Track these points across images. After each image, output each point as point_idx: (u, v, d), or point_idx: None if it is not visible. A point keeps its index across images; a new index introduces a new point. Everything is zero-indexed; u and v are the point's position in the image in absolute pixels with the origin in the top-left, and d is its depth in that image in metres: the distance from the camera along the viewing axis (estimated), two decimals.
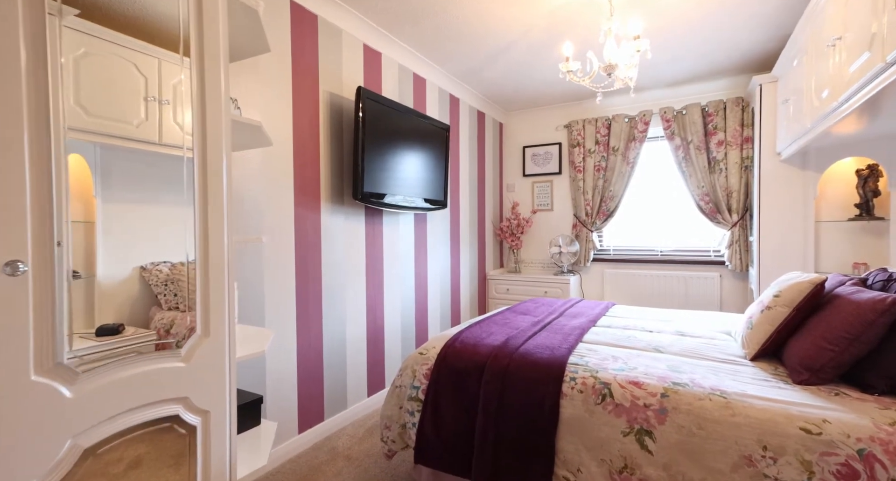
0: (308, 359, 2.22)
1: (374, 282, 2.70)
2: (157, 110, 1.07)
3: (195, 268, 1.06)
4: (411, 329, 3.08)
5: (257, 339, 1.43)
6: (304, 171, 2.20)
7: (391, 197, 2.60)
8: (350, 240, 2.51)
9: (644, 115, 3.72)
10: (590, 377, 1.52)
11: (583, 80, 2.06)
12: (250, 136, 1.43)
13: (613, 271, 3.98)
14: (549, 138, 4.29)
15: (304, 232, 2.20)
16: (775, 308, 1.66)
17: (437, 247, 3.41)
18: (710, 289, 3.59)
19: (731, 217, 3.44)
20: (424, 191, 2.93)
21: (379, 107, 2.48)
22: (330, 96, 2.36)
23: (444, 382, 1.73)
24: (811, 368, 1.43)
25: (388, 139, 2.58)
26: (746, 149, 3.38)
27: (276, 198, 2.05)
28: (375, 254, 2.72)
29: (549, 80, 3.49)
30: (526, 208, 4.42)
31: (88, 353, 0.93)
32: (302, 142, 2.19)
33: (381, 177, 2.51)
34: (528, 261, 4.42)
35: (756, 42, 2.84)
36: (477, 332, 2.00)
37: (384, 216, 2.80)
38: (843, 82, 1.63)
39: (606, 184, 3.92)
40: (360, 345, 2.59)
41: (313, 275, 2.25)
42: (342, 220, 2.45)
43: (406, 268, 3.02)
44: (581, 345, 1.85)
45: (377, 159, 2.48)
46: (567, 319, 2.28)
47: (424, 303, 3.24)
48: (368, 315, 2.65)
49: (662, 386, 1.40)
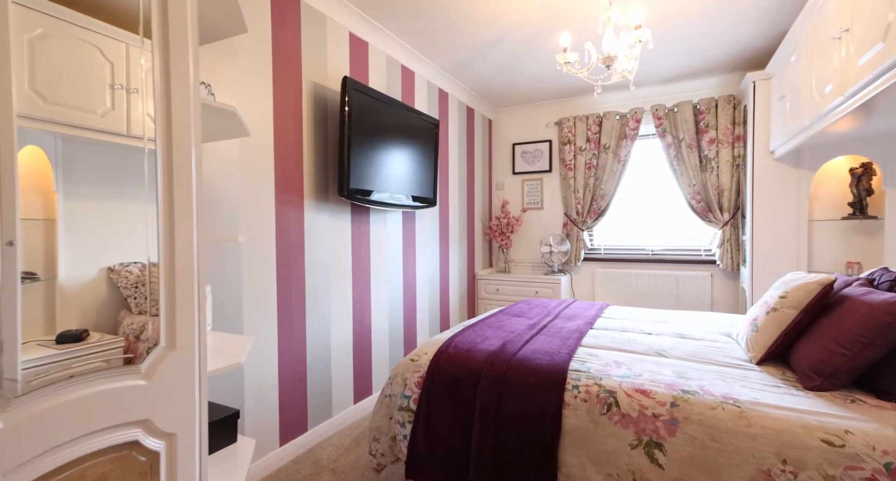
0: (290, 366, 2.09)
1: (360, 282, 2.57)
2: (124, 99, 0.97)
3: (158, 272, 0.93)
4: (399, 331, 2.96)
5: (234, 348, 1.29)
6: (286, 166, 2.07)
7: (378, 194, 2.48)
8: (335, 239, 2.38)
9: (636, 113, 3.67)
10: (593, 385, 1.43)
11: (580, 72, 1.97)
12: (225, 125, 1.29)
13: (604, 271, 3.93)
14: (540, 135, 4.21)
15: (286, 230, 2.06)
16: (782, 310, 1.60)
17: (426, 246, 3.29)
18: (701, 288, 3.56)
19: (722, 216, 3.41)
20: (413, 188, 2.82)
21: (366, 99, 2.35)
22: (314, 86, 2.23)
23: (438, 391, 1.62)
24: (823, 373, 1.37)
25: (376, 133, 2.46)
26: (738, 148, 3.35)
27: (256, 193, 1.91)
28: (362, 253, 2.59)
29: (540, 75, 3.41)
30: (516, 207, 4.33)
31: (41, 364, 0.82)
32: (284, 134, 2.05)
33: (368, 173, 2.38)
34: (518, 261, 4.34)
35: (750, 39, 2.80)
36: (471, 337, 1.89)
37: (371, 214, 2.68)
38: (851, 76, 1.58)
39: (598, 182, 3.86)
40: (346, 350, 2.46)
41: (296, 277, 2.12)
42: (327, 218, 2.32)
43: (394, 269, 2.90)
44: (581, 350, 1.77)
45: (364, 154, 2.35)
46: (563, 321, 2.20)
47: (413, 305, 3.12)
48: (355, 317, 2.53)
49: (671, 395, 1.32)
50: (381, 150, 2.51)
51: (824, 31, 1.87)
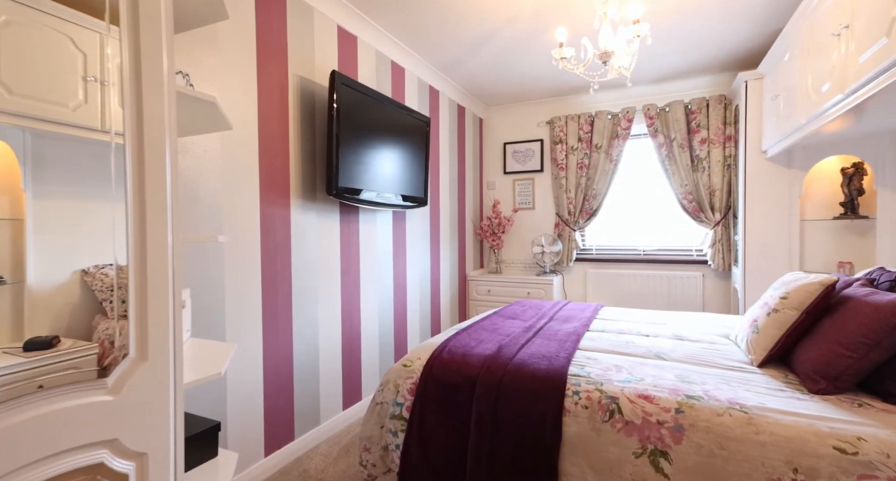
0: (276, 372, 1.99)
1: (349, 284, 2.49)
2: (98, 92, 0.91)
3: (127, 275, 0.84)
4: (389, 334, 2.88)
5: (214, 357, 1.21)
6: (272, 163, 1.98)
7: (368, 193, 2.40)
8: (323, 239, 2.29)
9: (627, 112, 3.65)
10: (595, 390, 1.37)
11: (576, 67, 1.92)
12: (204, 117, 1.20)
13: (596, 271, 3.90)
14: (531, 134, 4.17)
15: (271, 230, 1.97)
16: (783, 311, 1.57)
17: (417, 247, 3.22)
18: (692, 288, 3.56)
19: (713, 216, 3.41)
20: (404, 187, 2.74)
21: (355, 94, 2.27)
22: (300, 81, 2.14)
23: (432, 398, 1.55)
24: (828, 376, 1.34)
25: (366, 130, 2.38)
26: (729, 148, 3.35)
27: (239, 192, 1.82)
28: (351, 254, 2.51)
29: (533, 73, 3.36)
30: (507, 207, 4.28)
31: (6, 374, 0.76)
32: (269, 129, 1.96)
33: (357, 171, 2.30)
34: (510, 262, 4.29)
35: (741, 39, 2.79)
36: (465, 341, 1.83)
37: (361, 214, 2.59)
38: (851, 73, 1.55)
39: (589, 182, 3.83)
40: (335, 354, 2.38)
41: (282, 279, 2.03)
42: (315, 218, 2.23)
43: (384, 270, 2.82)
44: (579, 353, 1.71)
45: (353, 151, 2.27)
46: (558, 323, 2.14)
47: (404, 307, 3.04)
48: (344, 321, 2.44)
49: (676, 400, 1.27)
50: (371, 148, 2.43)
51: (821, 28, 1.85)
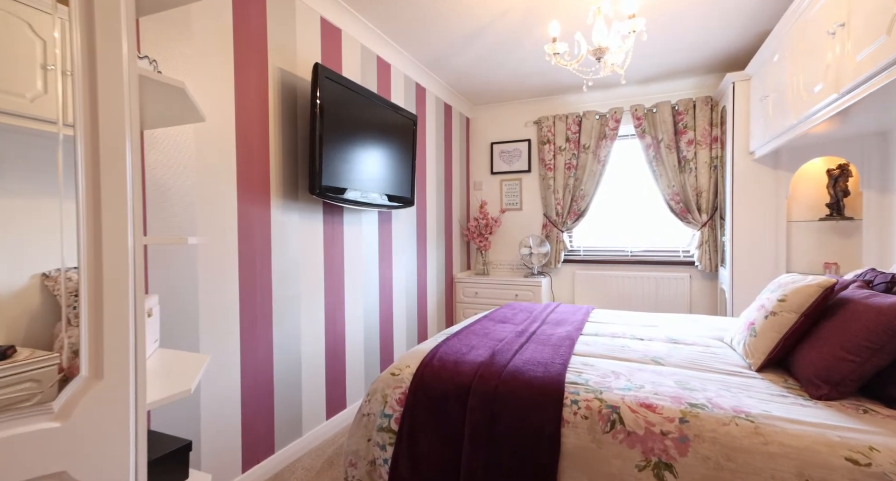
0: (255, 383, 1.88)
1: (333, 289, 2.38)
2: (58, 82, 0.81)
3: (79, 281, 0.74)
4: (375, 339, 2.78)
5: (185, 370, 1.10)
6: (250, 159, 1.86)
7: (353, 192, 2.30)
8: (306, 241, 2.18)
9: (615, 113, 3.63)
10: (594, 399, 1.31)
11: (570, 63, 1.87)
12: (174, 106, 1.10)
13: (584, 273, 3.87)
14: (518, 134, 4.12)
15: (249, 232, 1.86)
16: (781, 314, 1.53)
17: (403, 248, 3.13)
18: (680, 289, 3.55)
19: (700, 217, 3.41)
20: (390, 187, 2.65)
21: (340, 89, 2.17)
22: (281, 73, 2.03)
23: (422, 408, 1.47)
24: (830, 381, 1.30)
25: (350, 127, 2.28)
26: (715, 149, 3.36)
27: (215, 190, 1.70)
28: (335, 257, 2.40)
29: (522, 71, 3.31)
30: (494, 207, 4.22)
31: None
32: (247, 123, 1.84)
33: (341, 169, 2.20)
34: (497, 263, 4.23)
35: (728, 40, 2.79)
36: (456, 347, 1.75)
37: (345, 214, 2.49)
38: (848, 72, 1.53)
39: (577, 182, 3.80)
40: (318, 361, 2.27)
41: (262, 284, 1.91)
42: (296, 218, 2.12)
43: (370, 273, 2.72)
44: (574, 359, 1.65)
45: (337, 148, 2.17)
46: (551, 327, 2.08)
47: (390, 311, 2.95)
48: (327, 326, 2.33)
49: (679, 409, 1.22)
50: (356, 145, 2.33)
51: (814, 27, 1.83)
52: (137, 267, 0.82)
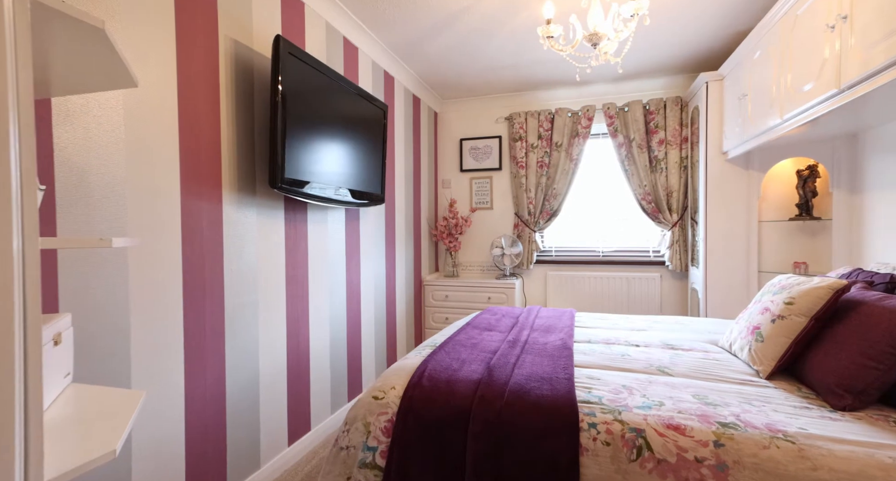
0: (203, 413, 1.57)
1: (296, 295, 2.10)
2: None
3: None
4: (342, 351, 2.51)
5: (111, 414, 0.82)
6: (197, 145, 1.56)
7: (319, 187, 2.03)
8: (265, 241, 1.89)
9: (587, 110, 3.56)
10: (614, 421, 1.15)
11: (564, 48, 1.72)
12: (90, 60, 0.81)
13: (556, 273, 3.78)
14: (489, 131, 3.97)
15: (196, 231, 1.55)
16: (790, 317, 1.46)
17: (371, 249, 2.87)
18: (650, 289, 3.54)
19: (671, 217, 3.42)
20: (359, 182, 2.39)
21: (305, 69, 1.90)
22: (235, 46, 1.73)
23: (414, 438, 1.25)
24: (853, 390, 1.22)
25: (316, 113, 2.01)
26: (685, 149, 3.37)
27: (151, 180, 1.39)
28: (298, 259, 2.12)
29: (495, 63, 3.15)
30: (464, 206, 4.05)
31: None
32: (193, 101, 1.54)
33: (306, 161, 1.93)
34: (467, 265, 4.06)
35: (703, 39, 2.77)
36: (446, 361, 1.54)
37: (309, 211, 2.21)
38: (853, 66, 1.48)
39: (550, 181, 3.70)
40: (279, 381, 1.98)
41: (212, 292, 1.61)
42: (254, 216, 1.83)
43: (336, 277, 2.45)
44: (578, 371, 1.49)
45: (302, 137, 1.90)
46: (541, 335, 1.93)
47: (357, 319, 2.69)
48: (289, 338, 2.05)
49: (711, 430, 1.08)
50: (323, 134, 2.06)
51: (806, 22, 1.79)
52: (31, 278, 0.55)
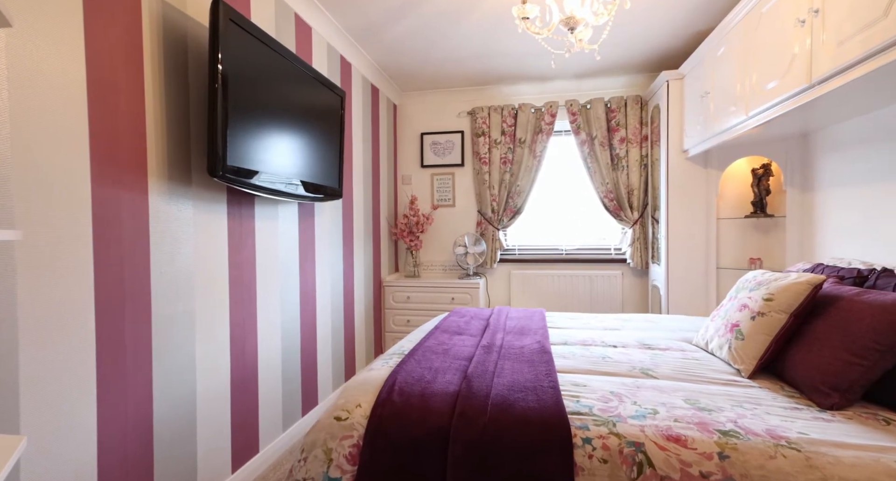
0: (120, 451, 1.31)
1: (242, 301, 1.85)
2: None
3: None
4: (295, 361, 2.27)
5: None
6: (113, 123, 1.29)
7: (269, 177, 1.79)
8: (204, 239, 1.64)
9: (550, 107, 3.52)
10: (609, 434, 1.04)
11: (541, 30, 1.61)
12: None
13: (520, 272, 3.71)
14: (451, 126, 3.83)
15: (113, 227, 1.29)
16: (770, 314, 1.43)
17: (328, 248, 2.65)
18: (612, 287, 3.56)
19: (632, 214, 3.44)
20: (314, 174, 2.17)
21: (250, 41, 1.66)
22: (164, 8, 1.47)
23: (385, 466, 1.08)
24: (838, 388, 1.19)
25: (265, 93, 1.77)
26: (645, 148, 3.40)
27: (48, 161, 1.12)
28: (245, 259, 1.87)
29: (459, 53, 3.02)
30: (425, 203, 3.89)
31: None
32: (106, 69, 1.27)
33: (253, 147, 1.69)
34: (428, 264, 3.90)
35: (667, 37, 2.78)
36: (417, 371, 1.38)
37: (257, 206, 1.96)
38: (824, 61, 1.48)
39: (513, 178, 3.62)
40: (221, 399, 1.73)
41: (134, 302, 1.35)
42: (189, 210, 1.57)
43: (289, 279, 2.21)
44: (561, 378, 1.38)
45: (247, 119, 1.66)
46: (515, 338, 1.81)
47: (313, 324, 2.45)
48: (234, 351, 1.80)
49: (713, 441, 1.00)
50: (273, 118, 1.83)
51: (773, 19, 1.80)
52: None
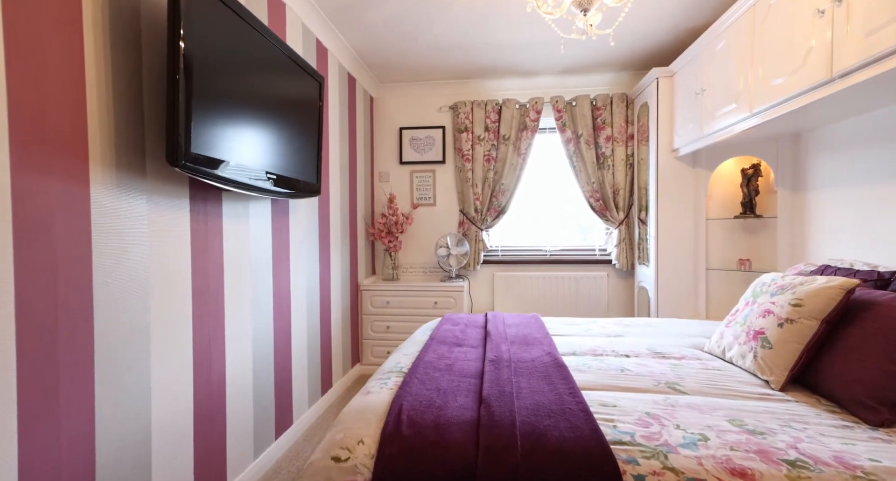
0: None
1: (207, 312, 1.59)
2: None
3: None
4: (268, 378, 2.01)
5: None
6: (40, 96, 1.02)
7: (239, 168, 1.54)
8: (162, 240, 1.37)
9: (536, 103, 3.40)
10: (663, 469, 0.89)
11: (554, 10, 1.45)
12: None
13: (504, 274, 3.57)
14: (432, 120, 3.64)
15: (40, 228, 1.02)
16: (800, 321, 1.33)
17: (303, 249, 2.40)
18: (597, 289, 3.48)
19: (618, 214, 3.37)
20: (290, 167, 1.92)
21: (218, 9, 1.41)
22: None
23: None
24: (886, 402, 1.11)
25: (236, 70, 1.52)
26: (631, 147, 3.35)
27: None
28: (211, 263, 1.61)
29: (443, 42, 2.83)
30: (404, 202, 3.68)
31: None
32: (28, 30, 1.00)
33: (222, 132, 1.44)
34: (407, 266, 3.69)
35: (658, 32, 2.71)
36: (423, 394, 1.18)
37: (226, 201, 1.70)
38: (850, 53, 1.40)
39: (497, 176, 3.48)
40: (182, 428, 1.46)
41: (71, 317, 1.08)
42: (143, 205, 1.31)
43: (261, 284, 1.95)
44: (585, 396, 1.23)
45: (216, 99, 1.41)
46: (521, 348, 1.65)
47: (287, 335, 2.20)
48: (198, 371, 1.53)
49: (783, 474, 0.87)
50: (246, 101, 1.57)
51: (784, 12, 1.72)
52: None
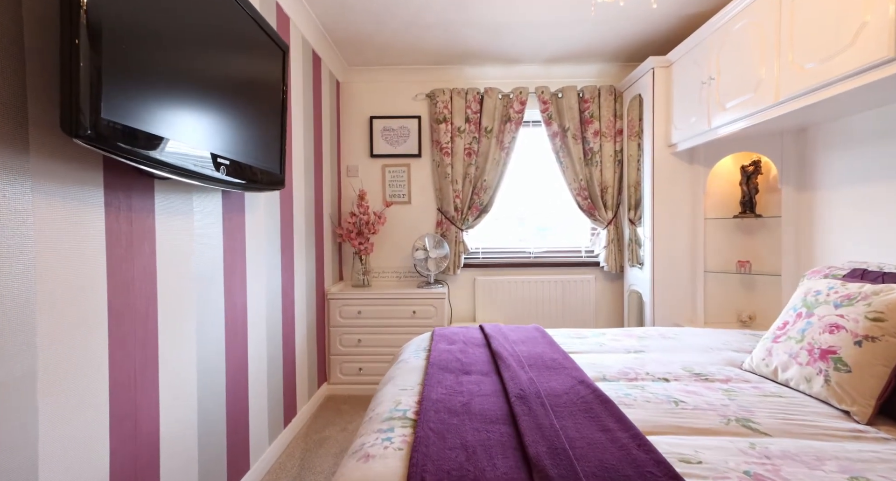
0: None
1: (133, 342, 1.16)
2: None
3: None
4: (219, 416, 1.59)
5: None
6: None
7: (181, 148, 1.13)
8: (55, 247, 0.95)
9: (520, 93, 3.13)
10: None
11: None
12: None
13: (485, 278, 3.28)
14: (406, 109, 3.29)
15: None
16: (884, 339, 1.12)
17: (263, 254, 1.98)
18: (585, 293, 3.27)
19: (606, 214, 3.18)
20: (247, 152, 1.52)
21: None
22: None
23: None
24: None
25: (174, 20, 1.12)
26: (619, 142, 3.16)
27: None
28: (138, 276, 1.18)
29: (421, 19, 2.49)
30: (375, 199, 3.30)
31: None
32: None
33: (149, 96, 1.03)
34: (379, 271, 3.32)
35: (656, 16, 2.53)
36: (447, 458, 0.85)
37: (159, 191, 1.28)
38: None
39: (479, 172, 3.19)
40: None
41: None
42: (25, 195, 0.88)
43: (210, 301, 1.53)
44: (658, 448, 0.94)
45: (138, 49, 1.00)
46: (544, 375, 1.35)
47: (243, 361, 1.78)
48: (117, 430, 1.11)
49: None
50: (185, 61, 1.17)
51: None
52: None
